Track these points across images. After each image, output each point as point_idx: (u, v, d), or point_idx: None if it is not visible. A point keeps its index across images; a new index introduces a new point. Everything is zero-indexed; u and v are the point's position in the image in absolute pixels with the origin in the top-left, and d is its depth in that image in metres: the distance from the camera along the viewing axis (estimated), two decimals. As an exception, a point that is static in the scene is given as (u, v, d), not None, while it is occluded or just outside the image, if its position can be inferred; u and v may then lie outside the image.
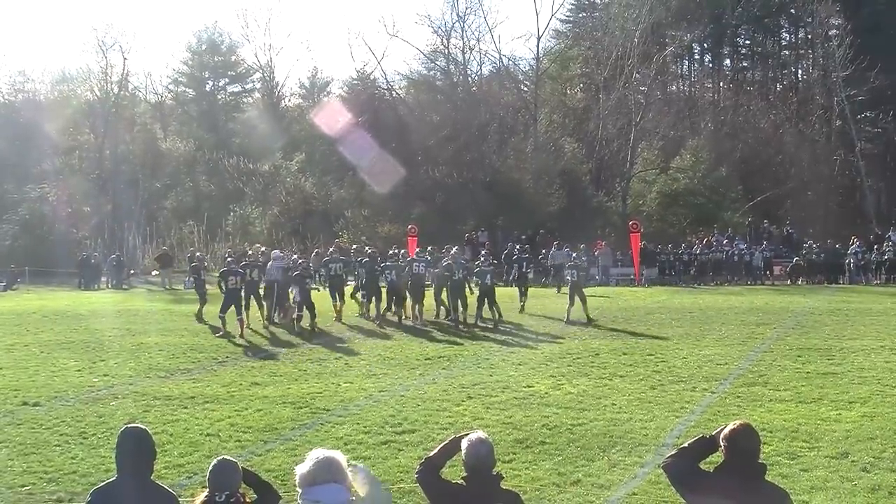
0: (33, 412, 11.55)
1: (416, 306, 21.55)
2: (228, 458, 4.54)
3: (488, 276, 21.07)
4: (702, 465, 4.44)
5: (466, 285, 21.27)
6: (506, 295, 23.71)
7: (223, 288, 19.67)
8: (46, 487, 8.33)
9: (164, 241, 45.04)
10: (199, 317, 21.79)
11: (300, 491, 3.97)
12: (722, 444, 4.29)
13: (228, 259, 22.91)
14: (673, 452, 4.53)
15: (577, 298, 21.33)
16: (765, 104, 51.63)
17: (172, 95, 65.79)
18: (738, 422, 4.40)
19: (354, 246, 32.40)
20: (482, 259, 22.43)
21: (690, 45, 54.53)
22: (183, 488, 8.06)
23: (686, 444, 4.53)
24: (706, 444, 4.41)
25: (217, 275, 21.69)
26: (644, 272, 34.88)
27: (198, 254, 29.84)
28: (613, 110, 47.85)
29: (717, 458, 4.37)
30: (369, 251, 24.76)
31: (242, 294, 20.00)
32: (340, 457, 4.06)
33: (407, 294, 21.94)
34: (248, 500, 4.44)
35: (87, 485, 7.96)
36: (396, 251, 25.14)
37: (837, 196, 47.36)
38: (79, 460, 9.20)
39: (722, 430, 4.35)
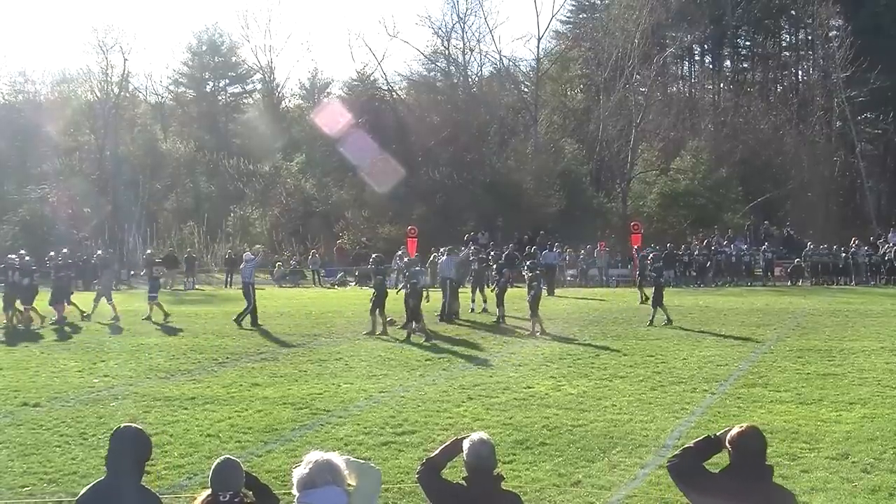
0: (33, 413, 11.54)
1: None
2: (232, 457, 4.50)
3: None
4: (707, 467, 4.42)
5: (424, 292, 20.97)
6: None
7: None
8: (46, 488, 8.32)
9: (165, 242, 44.99)
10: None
11: (297, 494, 3.94)
12: (728, 446, 4.29)
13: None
14: (677, 452, 4.53)
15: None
16: (765, 105, 51.63)
17: (173, 96, 65.84)
18: (744, 424, 4.40)
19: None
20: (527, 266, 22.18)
21: (691, 46, 54.55)
22: (183, 489, 8.06)
23: (691, 444, 4.52)
24: (711, 445, 4.40)
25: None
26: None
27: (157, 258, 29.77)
28: (614, 111, 47.85)
29: (723, 460, 4.36)
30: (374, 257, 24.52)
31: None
32: (338, 459, 4.04)
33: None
34: (248, 501, 4.42)
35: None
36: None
37: (838, 197, 47.39)
38: (79, 461, 9.19)
39: (728, 431, 4.35)
